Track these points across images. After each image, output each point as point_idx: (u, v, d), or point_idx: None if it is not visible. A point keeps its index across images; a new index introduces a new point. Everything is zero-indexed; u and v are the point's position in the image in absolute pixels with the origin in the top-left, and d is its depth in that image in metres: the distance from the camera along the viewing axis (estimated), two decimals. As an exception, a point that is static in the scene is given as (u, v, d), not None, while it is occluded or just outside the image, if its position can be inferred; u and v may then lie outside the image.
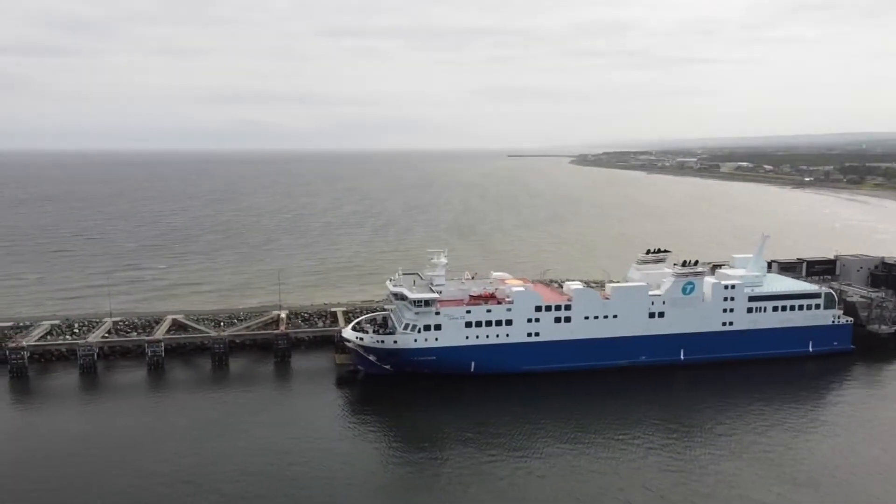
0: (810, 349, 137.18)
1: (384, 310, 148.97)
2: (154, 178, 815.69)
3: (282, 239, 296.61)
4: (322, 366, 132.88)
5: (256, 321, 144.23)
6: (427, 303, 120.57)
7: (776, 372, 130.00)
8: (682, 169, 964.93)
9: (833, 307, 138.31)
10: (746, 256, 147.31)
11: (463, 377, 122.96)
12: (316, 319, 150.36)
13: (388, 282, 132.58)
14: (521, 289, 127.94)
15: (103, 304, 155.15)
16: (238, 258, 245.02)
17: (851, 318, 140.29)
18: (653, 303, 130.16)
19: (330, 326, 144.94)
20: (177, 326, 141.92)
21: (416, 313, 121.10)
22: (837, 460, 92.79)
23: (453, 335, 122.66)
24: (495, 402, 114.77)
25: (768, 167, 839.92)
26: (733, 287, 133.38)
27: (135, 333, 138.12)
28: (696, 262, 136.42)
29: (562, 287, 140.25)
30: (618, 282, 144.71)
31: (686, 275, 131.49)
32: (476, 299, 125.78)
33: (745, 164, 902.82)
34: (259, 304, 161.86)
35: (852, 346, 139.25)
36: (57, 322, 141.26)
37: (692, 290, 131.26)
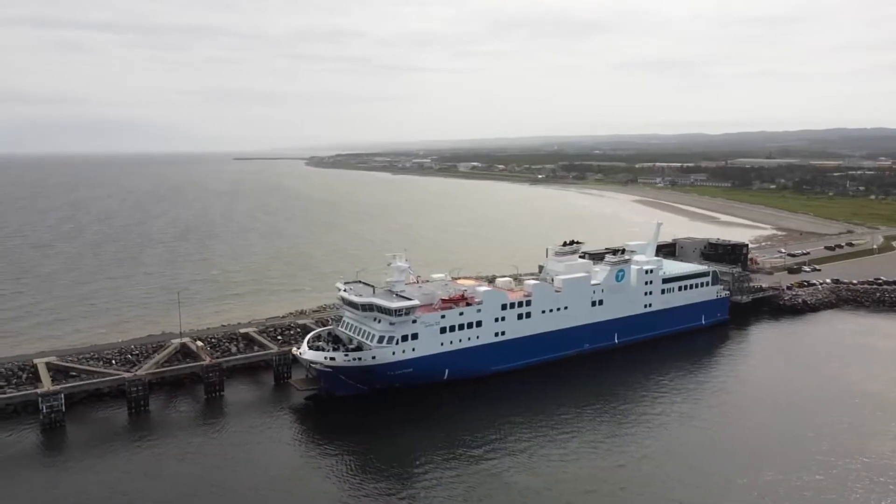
0: (703, 322, 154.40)
1: (297, 326, 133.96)
2: None
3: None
4: (263, 396, 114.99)
5: (161, 355, 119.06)
6: (407, 311, 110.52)
7: (683, 345, 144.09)
8: (422, 169, 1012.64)
9: (718, 283, 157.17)
10: (641, 243, 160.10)
11: (435, 386, 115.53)
12: (227, 344, 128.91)
13: (341, 292, 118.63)
14: (487, 288, 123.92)
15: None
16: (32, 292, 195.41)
17: (729, 292, 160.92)
18: (594, 291, 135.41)
19: (246, 350, 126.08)
20: (54, 371, 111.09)
21: (392, 324, 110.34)
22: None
23: (429, 343, 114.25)
24: (472, 410, 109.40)
25: (501, 166, 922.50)
26: (651, 272, 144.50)
27: (10, 389, 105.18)
28: (623, 251, 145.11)
29: (493, 283, 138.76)
30: (527, 275, 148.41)
31: (618, 263, 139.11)
32: (447, 303, 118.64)
33: (478, 164, 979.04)
34: (147, 336, 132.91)
35: (728, 316, 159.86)
36: None
37: (623, 276, 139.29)
